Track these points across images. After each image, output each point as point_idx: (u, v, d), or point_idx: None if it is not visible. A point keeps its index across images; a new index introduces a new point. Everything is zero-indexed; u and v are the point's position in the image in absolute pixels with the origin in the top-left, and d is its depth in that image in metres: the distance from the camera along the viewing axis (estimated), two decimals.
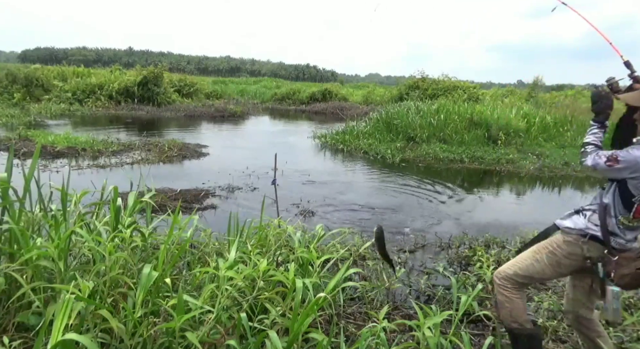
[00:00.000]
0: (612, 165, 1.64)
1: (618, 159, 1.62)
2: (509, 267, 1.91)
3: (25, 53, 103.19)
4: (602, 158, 1.68)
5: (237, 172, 6.87)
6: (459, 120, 11.06)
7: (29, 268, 1.73)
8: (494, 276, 1.96)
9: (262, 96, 27.43)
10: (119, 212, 2.19)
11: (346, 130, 11.52)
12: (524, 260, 1.88)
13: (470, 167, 8.38)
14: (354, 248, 3.47)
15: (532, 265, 1.85)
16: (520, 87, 32.80)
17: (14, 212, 1.89)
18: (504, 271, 1.91)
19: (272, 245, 2.68)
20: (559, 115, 12.98)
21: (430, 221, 4.88)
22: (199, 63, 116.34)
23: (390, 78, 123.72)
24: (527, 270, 1.85)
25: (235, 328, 1.76)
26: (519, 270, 1.86)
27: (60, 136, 8.73)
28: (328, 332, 2.20)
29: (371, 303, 2.67)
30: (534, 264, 1.84)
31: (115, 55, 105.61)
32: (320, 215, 4.86)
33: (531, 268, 1.84)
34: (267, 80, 43.13)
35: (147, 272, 1.59)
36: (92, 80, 18.09)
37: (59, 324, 1.27)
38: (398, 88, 23.13)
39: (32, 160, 2.00)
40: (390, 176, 7.38)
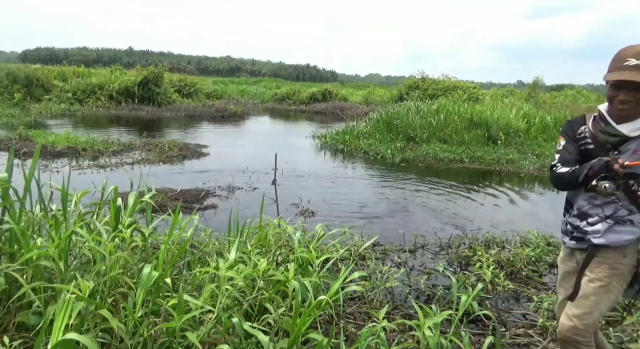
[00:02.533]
0: None
1: None
2: (582, 317, 1.62)
3: (25, 53, 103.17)
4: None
5: (237, 171, 6.87)
6: (459, 120, 11.06)
7: (29, 268, 1.74)
8: (568, 336, 1.65)
9: (262, 96, 27.43)
10: (119, 212, 2.19)
11: (346, 130, 11.52)
12: (597, 302, 1.62)
13: (470, 167, 8.38)
14: (354, 248, 3.47)
15: (607, 299, 1.62)
16: (520, 87, 32.81)
17: (14, 212, 1.90)
18: (582, 324, 1.62)
19: (272, 244, 2.69)
20: (559, 115, 12.98)
21: (430, 221, 4.89)
22: (199, 64, 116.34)
23: (390, 79, 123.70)
24: (606, 307, 1.64)
25: (235, 329, 1.76)
26: (599, 313, 1.63)
27: (61, 136, 8.73)
28: (328, 332, 2.20)
29: (371, 302, 2.67)
30: (609, 297, 1.62)
31: (116, 55, 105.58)
32: (320, 215, 4.86)
33: (609, 303, 1.64)
34: (267, 80, 43.19)
35: (147, 272, 1.60)
36: (93, 80, 18.09)
37: (60, 324, 1.27)
38: (398, 88, 23.15)
39: (33, 160, 2.00)
40: (390, 176, 7.38)
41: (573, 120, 1.77)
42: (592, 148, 1.64)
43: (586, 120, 1.70)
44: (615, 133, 1.57)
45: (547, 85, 27.87)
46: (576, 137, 1.71)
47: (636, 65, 1.47)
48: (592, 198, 1.66)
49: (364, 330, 1.85)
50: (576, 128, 1.72)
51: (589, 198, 1.67)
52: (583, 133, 1.69)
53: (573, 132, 1.72)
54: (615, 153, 1.56)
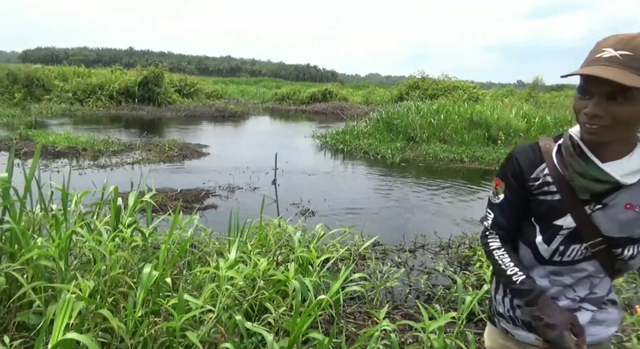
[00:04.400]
0: None
1: None
2: None
3: (26, 53, 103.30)
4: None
5: (238, 171, 6.87)
6: (459, 120, 11.06)
7: (29, 268, 1.74)
8: None
9: (262, 96, 27.44)
10: (119, 212, 2.19)
11: (346, 130, 11.53)
12: None
13: (470, 166, 8.38)
14: (354, 247, 3.47)
15: None
16: (520, 87, 32.83)
17: (14, 212, 1.90)
18: None
19: (272, 244, 2.69)
20: (558, 115, 12.98)
21: (430, 221, 4.89)
22: (200, 64, 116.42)
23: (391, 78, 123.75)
24: None
25: (235, 328, 1.76)
26: None
27: (61, 136, 8.73)
28: (328, 331, 2.20)
29: (371, 302, 2.67)
30: None
31: (116, 55, 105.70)
32: (320, 215, 4.86)
33: None
34: (268, 80, 43.20)
35: (147, 272, 1.60)
36: (93, 80, 18.10)
37: (60, 323, 1.27)
38: (398, 88, 23.16)
39: (33, 160, 2.00)
40: (390, 176, 7.38)
41: (521, 152, 1.08)
42: (557, 201, 1.01)
43: (543, 152, 1.05)
44: (601, 177, 0.94)
45: (547, 85, 27.89)
46: (527, 184, 1.04)
47: (612, 58, 0.86)
48: (554, 273, 1.06)
49: (370, 331, 1.84)
50: (528, 168, 1.04)
51: (549, 273, 1.06)
52: (541, 179, 1.03)
53: (522, 175, 1.05)
54: (598, 207, 0.98)
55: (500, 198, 1.09)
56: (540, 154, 1.04)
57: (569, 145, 0.98)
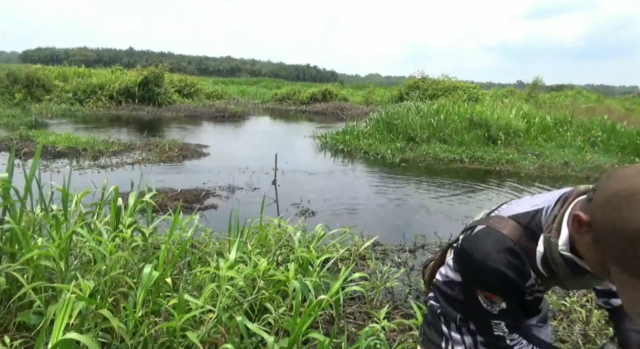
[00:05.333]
0: None
1: None
2: None
3: (26, 53, 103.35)
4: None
5: (238, 171, 6.88)
6: (459, 120, 11.06)
7: (30, 268, 1.74)
8: None
9: (262, 96, 27.43)
10: (119, 212, 2.19)
11: (346, 131, 11.52)
12: None
13: (470, 167, 8.38)
14: (354, 247, 3.47)
15: None
16: (520, 87, 32.83)
17: (15, 212, 1.90)
18: None
19: (272, 244, 2.69)
20: (558, 115, 12.99)
21: (430, 221, 4.89)
22: (200, 64, 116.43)
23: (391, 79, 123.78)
24: None
25: (236, 328, 1.76)
26: None
27: (61, 136, 8.74)
28: (328, 331, 2.21)
29: (371, 302, 2.67)
30: None
31: (116, 56, 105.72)
32: (320, 215, 4.86)
33: None
34: (268, 80, 43.20)
35: (147, 272, 1.60)
36: (93, 80, 18.10)
37: (60, 323, 1.27)
38: (398, 88, 23.15)
39: (33, 160, 2.01)
40: (390, 176, 7.38)
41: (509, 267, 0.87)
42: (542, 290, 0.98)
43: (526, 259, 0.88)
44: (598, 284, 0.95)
45: (547, 85, 27.90)
46: (522, 292, 0.95)
47: None
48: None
49: (364, 330, 1.85)
50: (522, 281, 0.90)
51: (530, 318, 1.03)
52: (532, 283, 0.94)
53: (519, 288, 0.91)
54: None
55: (503, 306, 0.95)
56: (526, 263, 0.89)
57: (562, 263, 0.83)
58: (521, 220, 0.90)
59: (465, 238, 0.97)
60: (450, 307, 1.06)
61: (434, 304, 1.13)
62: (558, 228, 0.82)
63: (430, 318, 1.14)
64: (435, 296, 1.13)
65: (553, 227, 0.83)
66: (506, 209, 0.97)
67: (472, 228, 0.98)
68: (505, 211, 0.95)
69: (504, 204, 1.03)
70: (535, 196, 0.98)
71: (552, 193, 0.94)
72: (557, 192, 0.92)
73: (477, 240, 0.92)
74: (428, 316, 1.16)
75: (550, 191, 0.97)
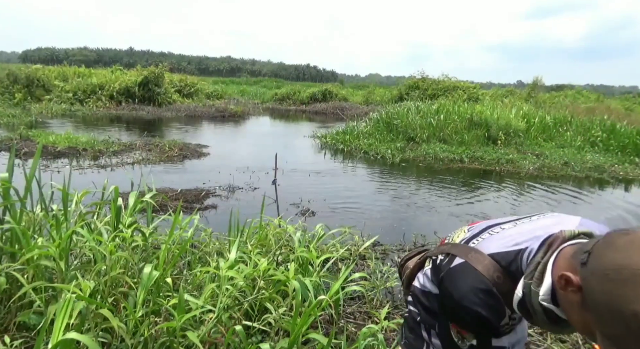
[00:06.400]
0: None
1: None
2: None
3: (26, 53, 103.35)
4: None
5: (238, 171, 6.88)
6: (459, 120, 11.07)
7: (30, 268, 1.74)
8: None
9: (262, 96, 27.44)
10: (119, 212, 2.19)
11: (346, 130, 11.53)
12: None
13: (470, 166, 8.39)
14: (354, 247, 3.47)
15: None
16: (520, 87, 32.82)
17: (15, 212, 1.90)
18: None
19: (272, 244, 2.69)
20: (558, 115, 12.99)
21: (430, 220, 4.89)
22: (200, 64, 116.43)
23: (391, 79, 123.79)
24: None
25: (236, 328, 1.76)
26: None
27: (61, 136, 8.74)
28: (328, 331, 2.21)
29: (371, 302, 2.67)
30: None
31: (116, 56, 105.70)
32: (320, 215, 4.86)
33: None
34: (268, 80, 43.18)
35: (148, 272, 1.60)
36: (93, 80, 18.10)
37: (60, 323, 1.27)
38: (398, 88, 23.18)
39: (34, 160, 2.01)
40: (390, 176, 7.39)
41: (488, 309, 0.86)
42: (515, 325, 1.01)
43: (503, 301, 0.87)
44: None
45: (547, 85, 27.90)
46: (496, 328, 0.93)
47: None
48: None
49: (363, 330, 1.86)
50: (498, 322, 0.88)
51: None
52: (507, 320, 0.93)
53: (493, 326, 0.89)
54: None
55: (473, 342, 0.96)
56: (503, 304, 0.88)
57: (541, 312, 0.82)
58: (501, 260, 0.88)
59: (445, 271, 0.94)
60: (429, 316, 1.07)
61: (413, 310, 1.13)
62: (540, 277, 0.80)
63: (411, 322, 1.14)
64: (414, 302, 1.13)
65: (535, 275, 0.80)
66: (487, 242, 0.93)
67: (450, 257, 0.96)
68: (486, 246, 0.92)
69: (485, 231, 0.99)
70: (518, 227, 0.93)
71: (535, 226, 0.91)
72: (541, 229, 0.88)
73: (455, 278, 0.91)
74: (409, 320, 1.15)
75: (533, 221, 0.94)
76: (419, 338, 1.11)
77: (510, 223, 0.97)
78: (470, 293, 0.87)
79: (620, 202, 6.30)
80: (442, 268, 0.97)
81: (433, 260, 1.06)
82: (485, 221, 1.07)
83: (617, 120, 12.68)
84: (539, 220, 0.93)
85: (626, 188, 7.40)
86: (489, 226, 1.00)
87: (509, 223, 0.98)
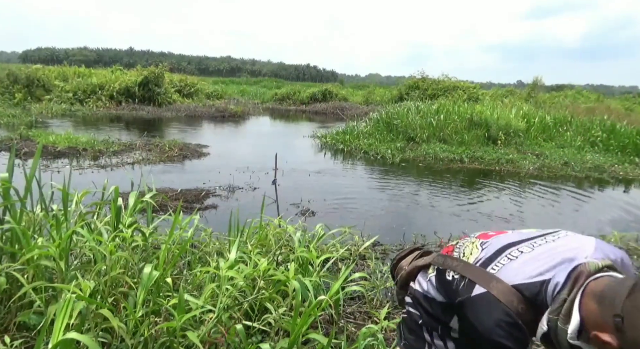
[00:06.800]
0: None
1: None
2: None
3: (26, 53, 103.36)
4: None
5: (238, 171, 6.88)
6: (458, 120, 11.07)
7: (30, 268, 1.74)
8: None
9: (262, 96, 27.43)
10: (119, 212, 2.19)
11: (346, 130, 11.53)
12: None
13: (470, 166, 8.39)
14: (354, 247, 3.47)
15: None
16: (520, 87, 32.81)
17: (15, 212, 1.90)
18: None
19: (272, 244, 2.69)
20: (558, 115, 12.99)
21: (430, 220, 4.89)
22: (200, 64, 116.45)
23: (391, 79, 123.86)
24: None
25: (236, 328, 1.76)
26: None
27: (61, 136, 8.73)
28: (328, 331, 2.21)
29: (371, 302, 2.67)
30: None
31: (116, 56, 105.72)
32: (320, 215, 4.86)
33: None
34: (268, 80, 43.17)
35: (148, 272, 1.60)
36: (93, 80, 18.09)
37: (60, 323, 1.27)
38: (398, 88, 23.18)
39: (34, 160, 2.01)
40: (390, 175, 7.39)
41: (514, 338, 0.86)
42: None
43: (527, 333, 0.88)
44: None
45: (547, 85, 27.90)
46: None
47: None
48: None
49: (362, 331, 1.86)
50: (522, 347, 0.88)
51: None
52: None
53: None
54: None
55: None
56: (527, 334, 0.89)
57: (567, 346, 0.82)
58: (525, 291, 0.87)
59: (465, 298, 0.92)
60: (432, 320, 1.07)
61: (414, 312, 1.12)
62: (567, 314, 0.80)
63: (411, 324, 1.14)
64: (415, 304, 1.12)
65: (562, 312, 0.80)
66: (508, 270, 0.91)
67: (469, 283, 0.93)
68: (508, 275, 0.90)
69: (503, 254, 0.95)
70: (536, 250, 0.92)
71: (554, 251, 0.89)
72: (561, 254, 0.87)
73: (479, 310, 0.90)
74: (408, 322, 1.15)
75: (549, 243, 0.92)
76: (420, 339, 1.11)
77: (527, 245, 0.95)
78: (496, 327, 0.87)
79: (620, 203, 6.30)
80: (458, 292, 0.95)
81: (440, 271, 1.04)
82: (497, 236, 1.04)
83: (617, 120, 12.68)
84: (556, 242, 0.92)
85: (626, 188, 7.40)
86: (506, 247, 0.97)
87: (525, 244, 0.95)
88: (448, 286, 1.00)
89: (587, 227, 4.75)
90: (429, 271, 1.12)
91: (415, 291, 1.13)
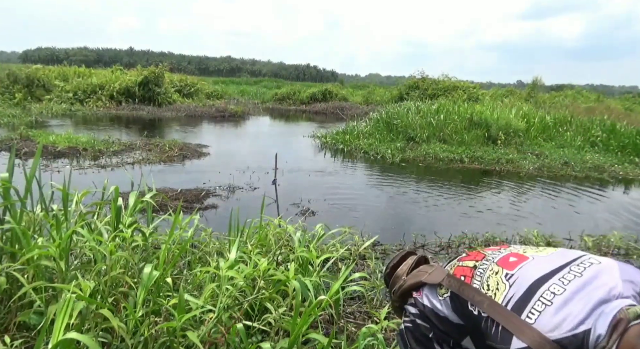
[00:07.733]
0: None
1: None
2: None
3: (26, 53, 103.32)
4: None
5: (238, 171, 6.88)
6: (458, 120, 11.07)
7: (30, 268, 1.74)
8: None
9: (262, 96, 27.44)
10: (120, 212, 2.19)
11: (346, 130, 11.53)
12: None
13: (470, 166, 8.39)
14: (354, 247, 3.47)
15: None
16: (520, 87, 32.82)
17: (15, 212, 1.90)
18: None
19: (272, 244, 2.69)
20: (558, 115, 12.99)
21: (430, 220, 4.89)
22: (200, 64, 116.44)
23: (390, 78, 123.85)
24: None
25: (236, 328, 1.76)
26: None
27: (62, 136, 8.74)
28: (328, 331, 2.21)
29: (371, 302, 2.67)
30: None
31: (116, 56, 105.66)
32: (320, 215, 4.87)
33: None
34: (268, 80, 43.17)
35: (148, 272, 1.60)
36: (93, 80, 18.10)
37: (60, 323, 1.27)
38: (398, 88, 23.18)
39: (34, 160, 2.01)
40: (390, 175, 7.39)
41: None
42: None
43: None
44: None
45: (547, 85, 27.92)
46: None
47: None
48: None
49: (362, 330, 1.86)
50: None
51: None
52: None
53: None
54: None
55: None
56: None
57: None
58: (569, 346, 0.86)
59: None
60: (444, 334, 1.06)
61: (422, 324, 1.11)
62: None
63: (419, 336, 1.13)
64: (422, 316, 1.11)
65: None
66: (547, 320, 0.88)
67: (503, 331, 0.90)
68: (547, 326, 0.87)
69: (536, 297, 0.91)
70: (569, 288, 0.90)
71: (586, 288, 0.88)
72: (598, 297, 0.86)
73: None
74: (415, 332, 1.14)
75: (577, 278, 0.90)
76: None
77: (557, 282, 0.92)
78: None
79: (621, 203, 6.30)
80: (491, 337, 0.92)
81: (458, 298, 1.01)
82: (522, 267, 0.99)
83: (617, 120, 12.68)
84: (584, 276, 0.90)
85: (626, 188, 7.40)
86: (536, 285, 0.93)
87: (555, 279, 0.92)
88: (469, 317, 0.98)
89: (587, 227, 4.75)
90: (441, 291, 1.10)
91: (424, 307, 1.12)
